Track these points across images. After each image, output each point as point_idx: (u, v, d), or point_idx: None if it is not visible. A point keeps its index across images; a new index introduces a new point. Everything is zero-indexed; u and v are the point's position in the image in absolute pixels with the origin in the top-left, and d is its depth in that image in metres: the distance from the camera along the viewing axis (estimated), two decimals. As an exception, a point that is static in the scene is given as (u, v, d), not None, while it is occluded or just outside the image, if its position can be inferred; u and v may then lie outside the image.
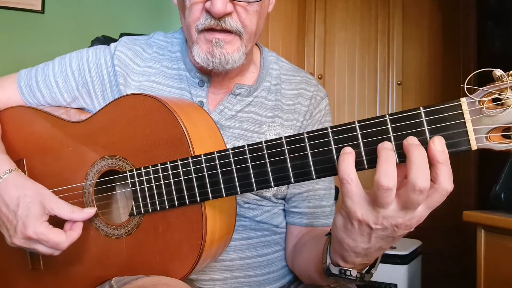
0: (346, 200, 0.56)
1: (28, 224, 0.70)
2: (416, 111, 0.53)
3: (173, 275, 0.69)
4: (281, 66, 0.94)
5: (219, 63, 0.77)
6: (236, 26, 0.76)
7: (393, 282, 1.86)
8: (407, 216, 0.54)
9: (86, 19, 2.29)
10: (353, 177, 0.54)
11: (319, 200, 0.90)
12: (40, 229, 0.70)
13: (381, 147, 0.54)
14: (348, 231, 0.59)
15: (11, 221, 0.71)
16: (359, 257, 0.62)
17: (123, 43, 0.90)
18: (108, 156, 0.74)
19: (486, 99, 0.51)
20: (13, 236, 0.72)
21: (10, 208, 0.71)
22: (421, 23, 2.63)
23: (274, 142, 0.60)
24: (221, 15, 0.74)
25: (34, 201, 0.71)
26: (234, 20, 0.76)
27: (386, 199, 0.53)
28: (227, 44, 0.77)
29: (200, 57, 0.78)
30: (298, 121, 0.90)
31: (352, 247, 0.60)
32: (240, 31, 0.77)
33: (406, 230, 0.57)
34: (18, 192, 0.72)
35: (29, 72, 0.91)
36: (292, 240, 0.90)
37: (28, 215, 0.70)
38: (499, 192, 1.26)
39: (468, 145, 0.52)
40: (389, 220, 0.55)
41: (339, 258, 0.64)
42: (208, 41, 0.77)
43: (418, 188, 0.51)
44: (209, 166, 0.65)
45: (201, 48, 0.77)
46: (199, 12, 0.76)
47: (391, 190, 0.52)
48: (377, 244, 0.59)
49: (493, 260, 1.23)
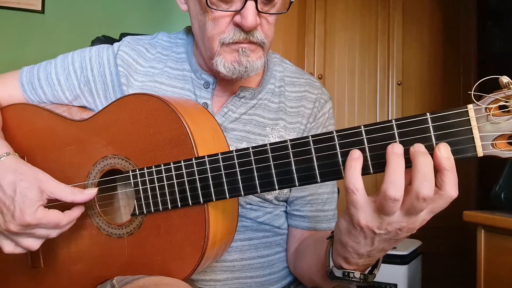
0: (351, 208, 0.56)
1: (25, 210, 0.68)
2: (423, 117, 0.53)
3: (175, 275, 0.69)
4: (285, 68, 0.94)
5: (245, 71, 0.77)
6: (261, 38, 0.77)
7: (393, 282, 1.86)
8: (410, 220, 0.55)
9: (86, 19, 2.28)
10: (359, 187, 0.54)
11: (321, 204, 0.89)
12: (38, 214, 0.68)
13: (391, 151, 0.53)
14: (351, 236, 0.60)
15: (8, 207, 0.69)
16: (362, 258, 0.62)
17: (126, 43, 0.90)
18: (111, 155, 0.74)
19: (493, 106, 0.51)
20: (9, 222, 0.69)
21: (7, 193, 0.69)
22: (421, 23, 2.63)
23: (279, 144, 0.60)
24: (252, 29, 0.74)
25: (31, 186, 0.69)
26: (259, 32, 0.76)
27: (393, 209, 0.53)
28: (252, 53, 0.77)
29: (225, 67, 0.77)
30: (301, 124, 0.89)
31: (356, 249, 0.61)
32: (264, 42, 0.77)
33: (409, 232, 0.57)
34: (14, 177, 0.69)
35: (31, 69, 0.91)
36: (294, 243, 0.90)
37: (26, 201, 0.68)
38: (499, 192, 1.26)
39: (474, 151, 0.52)
40: (393, 225, 0.56)
41: (342, 260, 0.65)
42: (234, 50, 0.77)
43: (422, 196, 0.51)
44: (213, 168, 0.65)
45: (226, 59, 0.77)
46: (225, 26, 0.75)
47: (398, 201, 0.52)
48: (380, 246, 0.60)
49: (493, 260, 1.23)
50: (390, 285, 1.86)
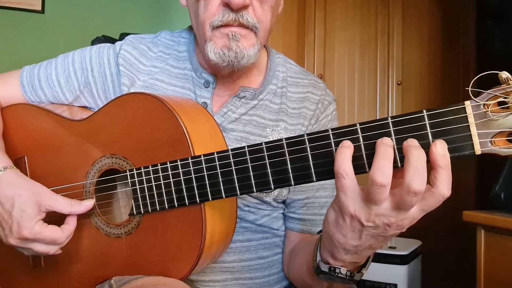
0: (340, 194, 0.55)
1: (23, 225, 0.69)
2: (419, 114, 0.53)
3: (173, 275, 0.69)
4: (288, 68, 0.93)
5: (235, 57, 0.75)
6: (252, 22, 0.75)
7: (393, 282, 1.85)
8: (399, 216, 0.54)
9: (86, 19, 2.29)
10: (349, 172, 0.54)
11: (318, 208, 0.88)
12: (35, 229, 0.69)
13: (380, 142, 0.53)
14: (339, 226, 0.59)
15: (6, 221, 0.71)
16: (349, 254, 0.61)
17: (128, 42, 0.90)
18: (109, 155, 0.74)
19: (491, 102, 0.50)
20: (9, 236, 0.71)
21: (5, 208, 0.71)
22: (421, 23, 2.63)
23: (274, 143, 0.60)
24: (240, 6, 0.72)
25: (28, 201, 0.70)
26: (250, 15, 0.75)
27: (379, 196, 0.52)
28: (243, 38, 0.75)
29: (214, 53, 0.75)
30: (303, 126, 0.88)
31: (342, 243, 0.60)
32: (256, 27, 0.75)
33: (397, 230, 0.56)
34: (12, 191, 0.71)
35: (32, 69, 0.91)
36: (289, 245, 0.89)
37: (23, 216, 0.69)
38: (499, 192, 1.26)
39: (472, 149, 0.51)
40: (381, 218, 0.54)
41: (329, 255, 0.64)
42: (224, 35, 0.75)
43: (413, 190, 0.50)
44: (209, 167, 0.64)
45: (216, 44, 0.75)
46: (215, 8, 0.74)
47: (384, 187, 0.51)
48: (367, 242, 0.59)
49: (493, 260, 1.22)
50: (390, 285, 1.85)
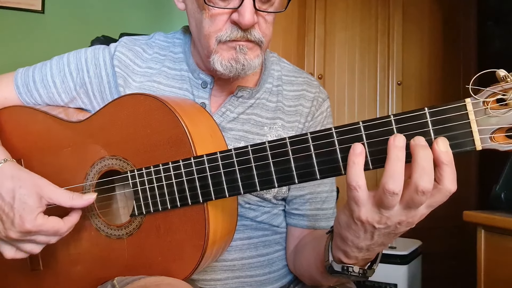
0: (351, 204, 0.57)
1: (25, 218, 0.68)
2: (421, 112, 0.54)
3: (176, 275, 0.69)
4: (283, 67, 0.94)
5: (242, 69, 0.76)
6: (258, 37, 0.76)
7: (393, 282, 1.86)
8: (409, 214, 0.55)
9: (86, 19, 2.28)
10: (361, 184, 0.54)
11: (320, 203, 0.90)
12: (38, 221, 0.68)
13: (392, 144, 0.53)
14: (351, 230, 0.60)
15: (7, 214, 0.69)
16: (362, 252, 0.62)
17: (123, 43, 0.90)
18: (109, 156, 0.74)
19: (490, 99, 0.52)
20: (9, 229, 0.69)
21: (6, 200, 0.69)
22: (421, 23, 2.63)
23: (277, 142, 0.60)
24: (250, 27, 0.73)
25: (30, 193, 0.69)
26: (257, 31, 0.76)
27: (392, 202, 0.54)
28: (249, 51, 0.76)
29: (222, 65, 0.76)
30: (300, 123, 0.89)
31: (355, 243, 0.61)
32: (262, 41, 0.77)
33: (408, 226, 0.58)
34: (13, 183, 0.70)
35: (26, 71, 0.90)
36: (293, 242, 0.90)
37: (25, 208, 0.68)
38: (499, 192, 1.26)
39: (473, 145, 0.52)
40: (392, 219, 0.56)
41: (342, 254, 0.65)
42: (231, 48, 0.76)
43: (421, 189, 0.51)
44: (212, 167, 0.64)
45: (223, 56, 0.76)
46: (222, 24, 0.75)
47: (397, 194, 0.53)
48: (379, 240, 0.60)
49: (493, 260, 1.23)
50: (390, 285, 1.86)
